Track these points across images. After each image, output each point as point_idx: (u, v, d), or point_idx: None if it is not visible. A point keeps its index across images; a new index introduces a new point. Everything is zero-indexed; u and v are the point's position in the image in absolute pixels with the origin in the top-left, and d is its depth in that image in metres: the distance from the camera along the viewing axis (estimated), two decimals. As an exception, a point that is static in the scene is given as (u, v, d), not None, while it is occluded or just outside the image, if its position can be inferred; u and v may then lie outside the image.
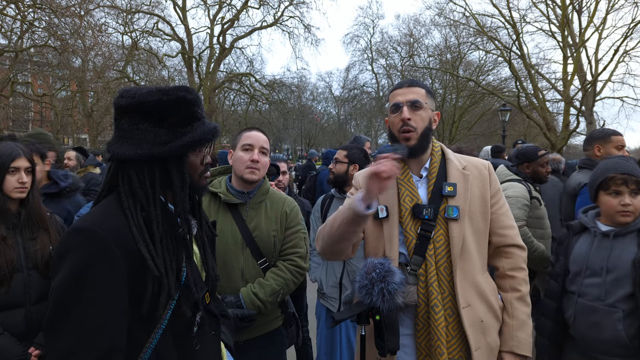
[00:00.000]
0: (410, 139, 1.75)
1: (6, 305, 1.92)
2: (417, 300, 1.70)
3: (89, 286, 1.05)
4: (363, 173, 1.94)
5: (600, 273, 1.95)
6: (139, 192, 1.16)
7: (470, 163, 1.86)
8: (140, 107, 1.17)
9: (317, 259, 3.18)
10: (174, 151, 1.17)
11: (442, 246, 1.72)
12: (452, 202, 1.74)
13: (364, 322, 1.71)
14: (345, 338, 2.94)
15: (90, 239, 1.07)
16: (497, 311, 1.77)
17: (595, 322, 1.94)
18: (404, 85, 1.82)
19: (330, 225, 1.72)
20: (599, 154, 3.12)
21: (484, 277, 1.79)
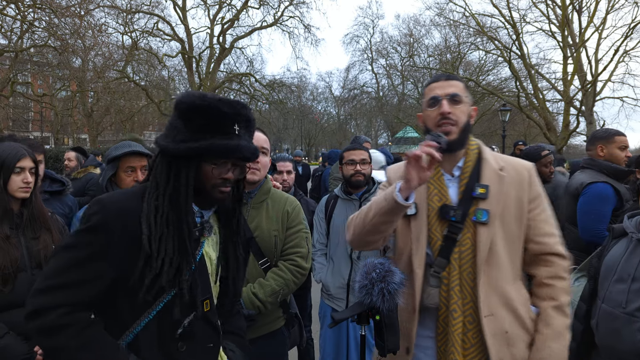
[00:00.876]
0: (451, 132, 1.65)
1: (11, 305, 1.91)
2: (438, 303, 1.64)
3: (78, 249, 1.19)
4: (395, 167, 1.90)
5: (626, 279, 1.89)
6: (159, 179, 1.26)
7: (509, 164, 1.73)
8: (178, 105, 1.28)
9: (321, 260, 3.14)
10: (182, 151, 1.23)
11: (468, 250, 1.63)
12: (482, 204, 1.63)
13: (364, 322, 1.70)
14: (353, 338, 2.90)
15: (100, 211, 1.20)
16: (526, 323, 1.64)
17: (615, 330, 1.87)
18: (442, 79, 1.74)
19: (365, 215, 1.67)
20: (602, 154, 3.11)
21: (515, 286, 1.66)
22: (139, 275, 1.19)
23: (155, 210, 1.23)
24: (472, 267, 1.62)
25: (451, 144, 1.63)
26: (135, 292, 1.19)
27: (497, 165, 1.71)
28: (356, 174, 3.02)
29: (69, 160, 5.12)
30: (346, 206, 3.08)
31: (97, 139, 23.55)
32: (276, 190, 2.31)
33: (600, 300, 1.98)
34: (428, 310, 1.68)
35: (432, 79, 1.79)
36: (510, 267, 1.65)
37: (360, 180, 3.02)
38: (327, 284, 3.03)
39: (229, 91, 28.56)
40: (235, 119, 1.26)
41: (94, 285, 1.19)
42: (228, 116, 1.25)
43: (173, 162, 1.25)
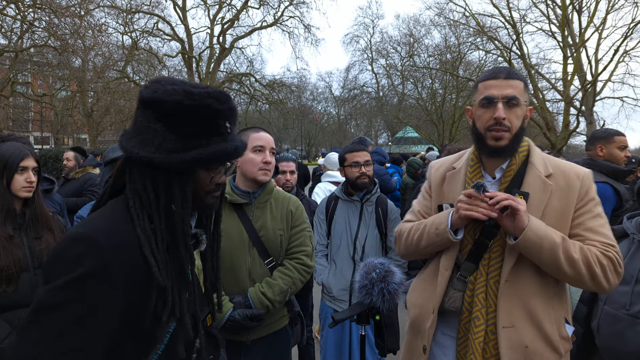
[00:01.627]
0: (502, 139, 1.55)
1: (14, 305, 1.92)
2: (460, 308, 1.60)
3: (79, 304, 0.94)
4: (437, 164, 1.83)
5: (629, 281, 1.88)
6: (144, 198, 1.06)
7: (560, 170, 1.60)
8: (158, 105, 1.04)
9: (322, 261, 3.11)
10: (175, 165, 1.04)
11: (498, 258, 1.56)
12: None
13: (364, 322, 1.71)
14: (356, 338, 2.88)
15: (92, 251, 0.96)
16: (553, 341, 1.52)
17: (618, 332, 1.87)
18: (501, 76, 1.57)
19: (417, 242, 1.69)
20: (602, 154, 3.10)
21: (546, 302, 1.55)
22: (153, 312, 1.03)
23: (154, 236, 1.05)
24: (500, 275, 1.55)
25: (500, 150, 1.57)
26: (139, 333, 1.04)
27: (545, 171, 1.59)
28: (362, 176, 2.99)
29: (68, 160, 5.11)
30: (347, 207, 3.06)
31: (97, 139, 23.53)
32: (279, 190, 2.32)
33: (602, 302, 1.97)
34: (451, 313, 1.64)
35: (490, 74, 1.62)
36: (540, 280, 1.55)
37: (366, 182, 3.00)
38: (330, 286, 3.00)
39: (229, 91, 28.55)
40: (227, 115, 1.10)
41: (99, 346, 0.97)
42: (221, 114, 1.07)
43: (160, 175, 1.05)
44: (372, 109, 35.75)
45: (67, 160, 5.11)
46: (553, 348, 1.53)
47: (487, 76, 1.62)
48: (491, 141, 1.57)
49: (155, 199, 1.06)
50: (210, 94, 1.06)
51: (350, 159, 3.05)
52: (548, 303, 1.56)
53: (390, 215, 3.03)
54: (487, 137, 1.58)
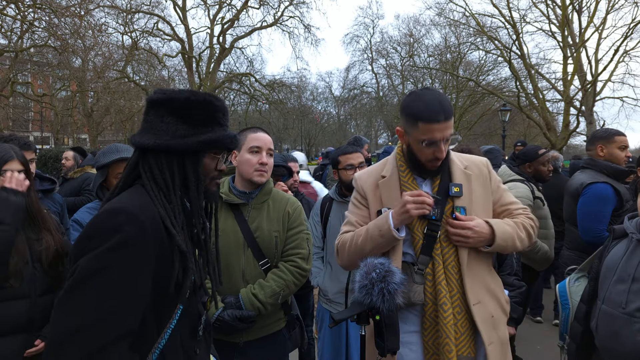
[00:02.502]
0: (438, 165, 1.78)
1: (12, 296, 1.92)
2: (424, 300, 1.72)
3: (120, 266, 1.04)
4: (364, 175, 1.96)
5: (626, 280, 1.88)
6: (160, 181, 1.20)
7: (470, 162, 1.88)
8: (169, 102, 1.23)
9: (318, 263, 3.08)
10: (190, 145, 1.21)
11: (450, 245, 1.75)
12: (458, 202, 1.77)
13: (364, 322, 1.70)
14: (353, 340, 2.85)
15: (131, 220, 1.08)
16: (504, 306, 1.82)
17: (615, 332, 1.86)
18: (441, 120, 1.67)
19: (361, 247, 1.78)
20: (602, 154, 3.10)
21: (492, 274, 1.84)
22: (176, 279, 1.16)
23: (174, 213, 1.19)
24: (456, 260, 1.74)
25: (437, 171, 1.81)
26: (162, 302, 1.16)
27: (462, 164, 1.85)
28: None
29: (66, 159, 5.12)
30: (342, 209, 2.99)
31: (97, 139, 23.55)
32: (278, 191, 2.30)
33: (600, 301, 1.97)
34: (413, 307, 1.74)
35: (430, 116, 1.67)
36: (486, 256, 1.81)
37: None
38: (326, 289, 2.97)
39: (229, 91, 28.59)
40: (224, 111, 1.29)
41: (140, 308, 1.08)
42: (219, 109, 1.27)
43: (174, 159, 1.22)
44: (372, 109, 35.78)
45: (66, 160, 5.12)
46: (505, 312, 1.82)
47: (429, 118, 1.68)
48: (431, 167, 1.79)
49: (171, 180, 1.20)
50: (208, 93, 1.28)
51: (344, 161, 3.00)
52: (493, 275, 1.84)
53: None
54: (427, 166, 1.79)
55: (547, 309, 5.30)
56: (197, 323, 1.29)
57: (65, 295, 1.02)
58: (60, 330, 0.99)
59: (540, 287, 5.20)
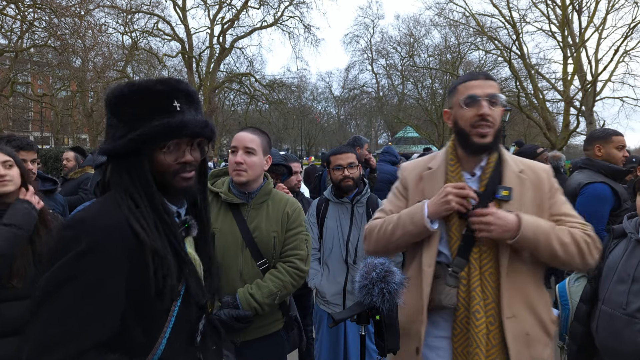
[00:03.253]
0: (487, 135, 1.61)
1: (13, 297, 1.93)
2: (456, 304, 1.62)
3: (85, 274, 1.00)
4: (410, 165, 1.88)
5: (626, 280, 1.89)
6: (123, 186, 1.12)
7: (528, 166, 1.72)
8: (108, 101, 1.14)
9: (314, 265, 3.05)
10: (121, 147, 1.10)
11: (489, 251, 1.61)
12: (505, 207, 1.61)
13: (364, 322, 1.70)
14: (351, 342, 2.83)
15: (91, 228, 1.03)
16: (547, 325, 1.64)
17: (615, 332, 1.87)
18: (480, 77, 1.65)
19: (390, 234, 1.71)
20: (600, 154, 3.10)
21: (537, 289, 1.65)
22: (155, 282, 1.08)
23: (142, 214, 1.10)
24: (494, 268, 1.60)
25: (485, 147, 1.64)
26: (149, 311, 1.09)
27: (517, 167, 1.70)
28: (345, 179, 2.91)
29: (68, 160, 5.11)
30: (338, 209, 3.01)
31: (97, 139, 23.53)
32: (277, 191, 2.29)
33: (601, 301, 1.98)
34: (443, 311, 1.65)
35: (468, 76, 1.70)
36: (533, 270, 1.64)
37: (350, 185, 2.92)
38: (323, 291, 2.94)
39: (229, 91, 28.60)
40: (173, 95, 1.12)
41: (115, 312, 1.03)
42: (163, 93, 1.12)
43: (122, 162, 1.12)
44: (372, 109, 35.76)
45: (67, 161, 5.12)
46: (546, 332, 1.64)
47: (467, 78, 1.69)
48: (476, 138, 1.62)
49: (131, 183, 1.11)
50: (157, 80, 1.14)
51: (333, 161, 2.97)
52: (539, 289, 1.66)
53: None
54: (472, 135, 1.63)
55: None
56: (194, 329, 1.21)
57: (36, 308, 1.00)
58: (36, 345, 0.97)
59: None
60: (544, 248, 1.56)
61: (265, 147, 2.19)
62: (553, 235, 1.57)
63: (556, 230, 1.59)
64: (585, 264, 1.61)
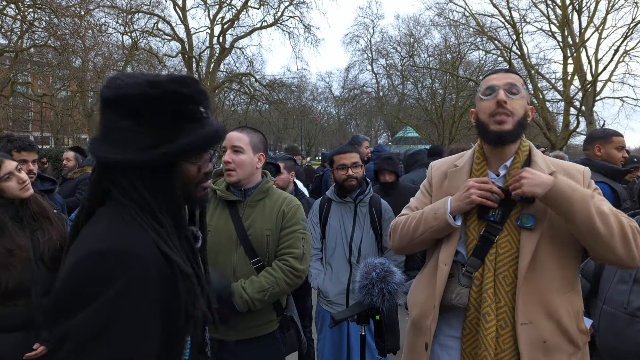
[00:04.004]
0: (505, 123, 1.56)
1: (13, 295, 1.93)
2: (466, 304, 1.60)
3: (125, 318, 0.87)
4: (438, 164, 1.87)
5: (627, 280, 1.90)
6: (141, 202, 0.99)
7: (561, 168, 1.63)
8: (122, 101, 0.97)
9: (317, 265, 3.05)
10: (155, 160, 0.97)
11: (507, 254, 1.57)
12: (527, 209, 1.56)
13: (364, 322, 1.71)
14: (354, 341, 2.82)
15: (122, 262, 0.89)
16: (571, 334, 1.53)
17: (617, 332, 1.88)
18: (501, 72, 1.66)
19: (413, 230, 1.70)
20: (599, 154, 3.11)
21: (563, 296, 1.55)
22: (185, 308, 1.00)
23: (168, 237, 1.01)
24: (511, 271, 1.55)
25: (503, 135, 1.58)
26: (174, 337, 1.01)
27: (548, 169, 1.61)
28: (348, 178, 2.93)
29: (68, 160, 5.12)
30: (341, 209, 3.01)
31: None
32: (276, 189, 2.28)
33: (601, 301, 1.98)
34: (455, 310, 1.63)
35: (490, 72, 1.71)
36: (559, 275, 1.55)
37: (354, 184, 2.94)
38: (326, 291, 2.94)
39: (229, 91, 28.58)
40: (198, 100, 1.02)
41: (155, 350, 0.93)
42: (191, 99, 1.01)
43: (144, 174, 0.99)
44: (372, 109, 35.71)
45: (67, 160, 5.12)
46: (571, 341, 1.54)
47: (488, 73, 1.70)
48: (494, 126, 1.58)
49: (153, 199, 1.00)
50: (173, 78, 1.00)
51: (337, 161, 2.99)
52: (566, 297, 1.56)
53: (385, 215, 2.98)
54: (489, 124, 1.59)
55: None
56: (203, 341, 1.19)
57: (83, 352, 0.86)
58: None
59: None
60: (580, 210, 1.43)
61: (256, 145, 2.17)
62: (591, 200, 1.44)
63: (596, 199, 1.47)
64: (630, 253, 1.45)
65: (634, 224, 1.48)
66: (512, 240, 1.57)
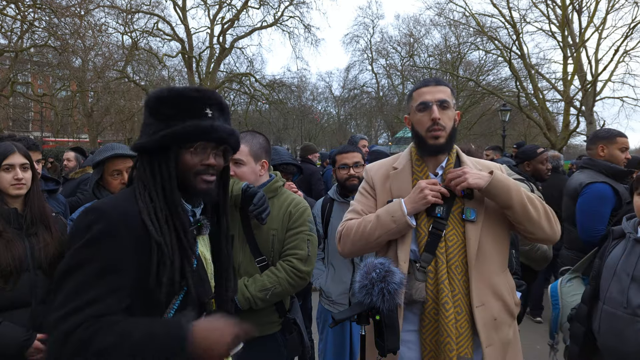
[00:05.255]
0: (440, 137, 1.77)
1: (12, 305, 1.91)
2: (425, 297, 1.71)
3: (98, 259, 1.10)
4: (375, 167, 2.00)
5: (625, 279, 1.90)
6: (145, 179, 1.22)
7: (483, 166, 1.87)
8: (148, 102, 1.26)
9: (319, 265, 3.06)
10: (154, 141, 1.21)
11: (455, 245, 1.73)
12: (469, 204, 1.75)
13: (364, 322, 1.71)
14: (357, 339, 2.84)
15: (101, 217, 1.13)
16: (512, 308, 1.78)
17: (618, 331, 1.88)
18: (431, 84, 1.82)
19: (368, 234, 1.79)
20: (603, 154, 3.10)
21: (502, 276, 1.79)
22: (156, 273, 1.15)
23: (154, 208, 1.19)
24: (461, 261, 1.72)
25: (439, 148, 1.79)
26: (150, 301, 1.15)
27: (474, 167, 1.83)
28: (350, 178, 2.95)
29: (68, 160, 5.12)
30: (343, 209, 2.95)
31: (97, 139, 23.52)
32: (286, 190, 2.28)
33: (602, 301, 1.98)
34: (414, 305, 1.75)
35: (420, 83, 1.87)
36: (498, 259, 1.77)
37: (355, 184, 2.93)
38: (329, 291, 2.94)
39: (229, 91, 28.57)
40: (206, 102, 1.24)
41: (118, 299, 1.11)
42: (197, 100, 1.24)
43: (153, 157, 1.23)
44: (372, 109, 35.71)
45: (68, 161, 5.13)
46: (511, 315, 1.78)
47: (419, 85, 1.86)
48: (431, 140, 1.78)
49: (152, 178, 1.21)
50: (194, 88, 1.27)
51: (339, 160, 3.01)
52: (503, 276, 1.79)
53: None
54: (427, 138, 1.79)
55: (548, 309, 5.30)
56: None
57: (58, 284, 1.12)
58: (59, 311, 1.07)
59: (541, 288, 5.21)
60: (516, 197, 1.68)
61: (257, 153, 2.18)
62: (521, 188, 1.72)
63: (523, 192, 1.72)
64: (553, 229, 1.76)
65: (547, 206, 1.77)
66: (457, 233, 1.74)
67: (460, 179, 1.70)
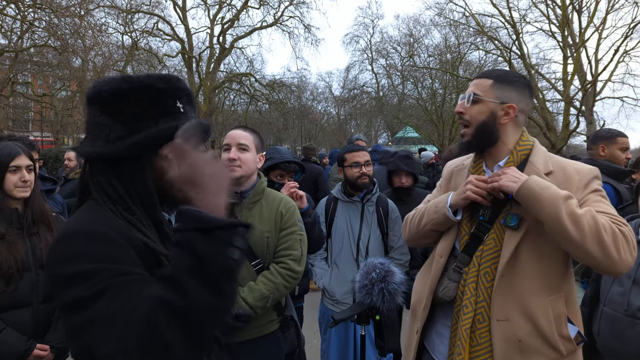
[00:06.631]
0: (464, 135, 1.70)
1: (14, 304, 1.91)
2: (452, 297, 1.67)
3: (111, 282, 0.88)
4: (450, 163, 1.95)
5: (626, 282, 1.90)
6: (112, 193, 1.02)
7: (561, 167, 1.63)
8: (98, 96, 1.01)
9: (322, 264, 3.04)
10: (122, 150, 0.99)
11: (491, 251, 1.61)
12: (515, 209, 1.58)
13: (364, 322, 1.71)
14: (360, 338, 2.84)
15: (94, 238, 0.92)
16: (549, 338, 1.51)
17: (618, 333, 1.88)
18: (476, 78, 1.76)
19: (418, 222, 1.81)
20: (603, 154, 3.10)
21: (544, 299, 1.54)
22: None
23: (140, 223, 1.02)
24: (492, 268, 1.59)
25: (465, 146, 1.70)
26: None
27: (545, 169, 1.61)
28: (362, 176, 2.96)
29: (69, 160, 5.12)
30: (348, 208, 3.01)
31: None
32: (271, 190, 2.28)
33: (602, 304, 1.98)
34: (448, 303, 1.71)
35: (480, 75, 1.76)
36: (538, 278, 1.55)
37: (366, 182, 2.97)
38: (332, 291, 2.94)
39: (229, 91, 28.57)
40: (175, 95, 1.04)
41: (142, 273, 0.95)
42: (166, 93, 1.03)
43: (117, 167, 1.02)
44: (372, 109, 35.66)
45: (69, 161, 5.12)
46: (551, 345, 1.52)
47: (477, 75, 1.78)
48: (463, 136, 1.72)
49: (124, 191, 1.02)
50: (152, 75, 1.04)
51: (350, 159, 3.02)
52: (547, 301, 1.54)
53: (391, 214, 3.00)
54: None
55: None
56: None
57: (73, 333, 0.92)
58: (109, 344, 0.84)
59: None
60: (549, 211, 1.41)
61: (258, 145, 2.22)
62: (563, 200, 1.41)
63: (572, 200, 1.44)
64: (608, 256, 1.39)
65: (622, 228, 1.43)
66: (496, 239, 1.61)
67: (495, 178, 1.57)
